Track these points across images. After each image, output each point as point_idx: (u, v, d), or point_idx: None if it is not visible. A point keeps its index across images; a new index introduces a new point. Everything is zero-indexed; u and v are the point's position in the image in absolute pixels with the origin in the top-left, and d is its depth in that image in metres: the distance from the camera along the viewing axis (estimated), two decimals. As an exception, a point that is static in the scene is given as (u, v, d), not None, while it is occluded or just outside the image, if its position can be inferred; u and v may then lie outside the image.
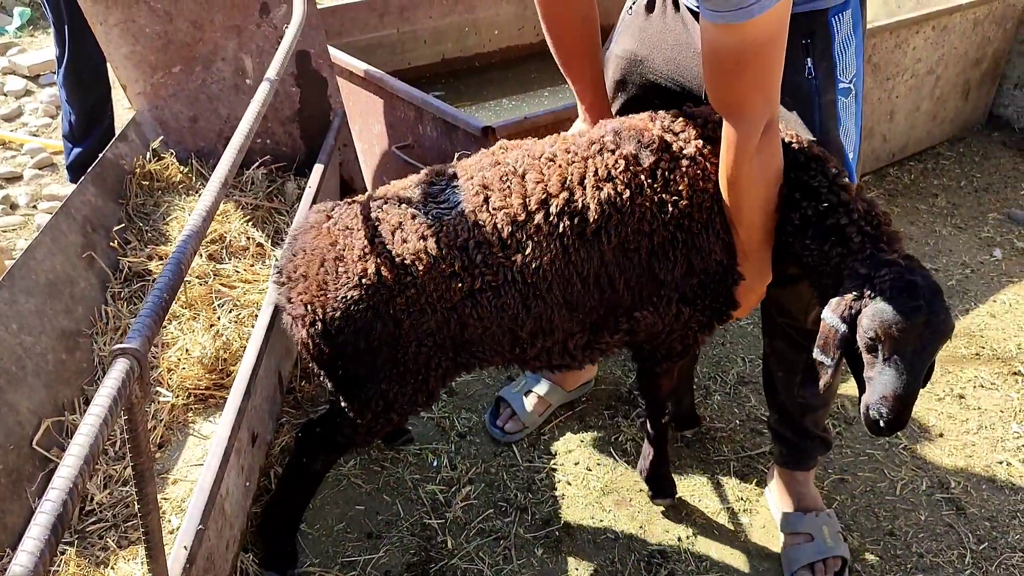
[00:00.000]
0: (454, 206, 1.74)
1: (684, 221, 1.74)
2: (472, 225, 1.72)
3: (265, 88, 1.79)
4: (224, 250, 2.70)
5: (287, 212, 2.89)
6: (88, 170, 2.70)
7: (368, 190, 3.22)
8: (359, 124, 3.32)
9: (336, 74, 3.10)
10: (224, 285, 2.57)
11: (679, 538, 2.27)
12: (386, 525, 2.27)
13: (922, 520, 2.35)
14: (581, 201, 1.72)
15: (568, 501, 2.37)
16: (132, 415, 1.13)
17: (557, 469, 2.48)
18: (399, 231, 1.73)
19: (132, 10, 2.77)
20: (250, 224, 2.80)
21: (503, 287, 1.73)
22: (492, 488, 2.40)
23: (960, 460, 2.55)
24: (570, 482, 2.43)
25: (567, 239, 1.72)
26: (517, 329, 1.78)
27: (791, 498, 2.27)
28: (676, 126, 1.79)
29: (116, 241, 2.66)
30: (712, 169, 1.74)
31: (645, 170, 1.74)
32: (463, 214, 1.73)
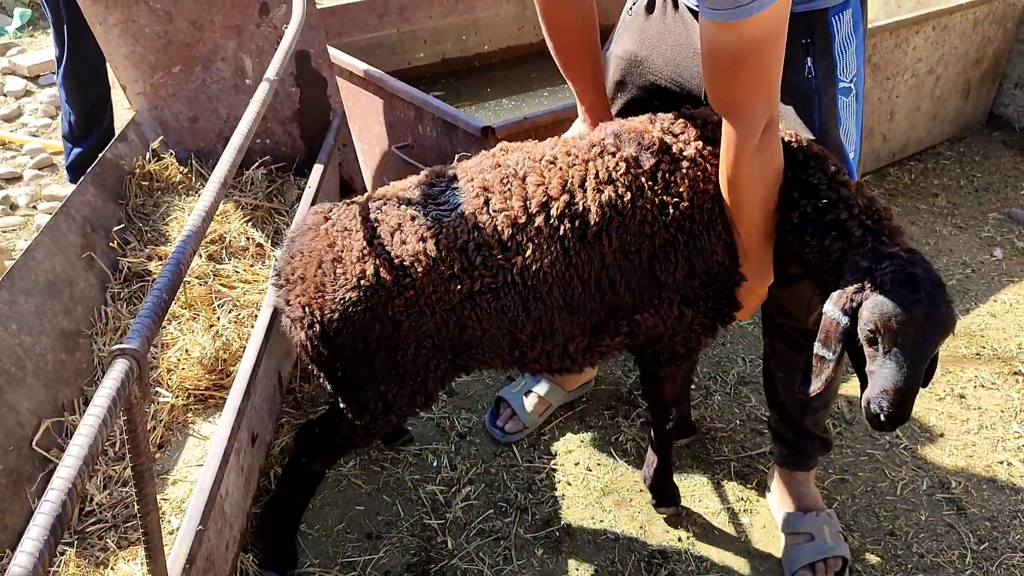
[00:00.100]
0: (454, 208, 1.74)
1: (685, 223, 1.74)
2: (472, 227, 1.71)
3: (265, 88, 1.79)
4: (224, 250, 2.69)
5: (287, 212, 2.89)
6: (88, 170, 2.70)
7: (368, 190, 3.23)
8: (359, 124, 3.32)
9: (336, 74, 3.09)
10: (224, 285, 2.57)
11: (679, 538, 2.27)
12: (386, 525, 2.27)
13: (923, 520, 2.35)
14: (582, 204, 1.72)
15: (568, 501, 2.37)
16: (131, 415, 1.13)
17: (557, 469, 2.47)
18: (398, 232, 1.72)
19: (132, 10, 2.77)
20: (250, 224, 2.79)
21: (503, 289, 1.73)
22: (492, 488, 2.39)
23: (961, 460, 2.55)
24: (570, 482, 2.43)
25: (568, 241, 1.72)
26: (517, 331, 1.78)
27: (791, 498, 2.27)
28: (676, 128, 1.79)
29: (116, 241, 2.66)
30: (712, 170, 1.74)
31: (645, 172, 1.74)
32: (463, 216, 1.72)
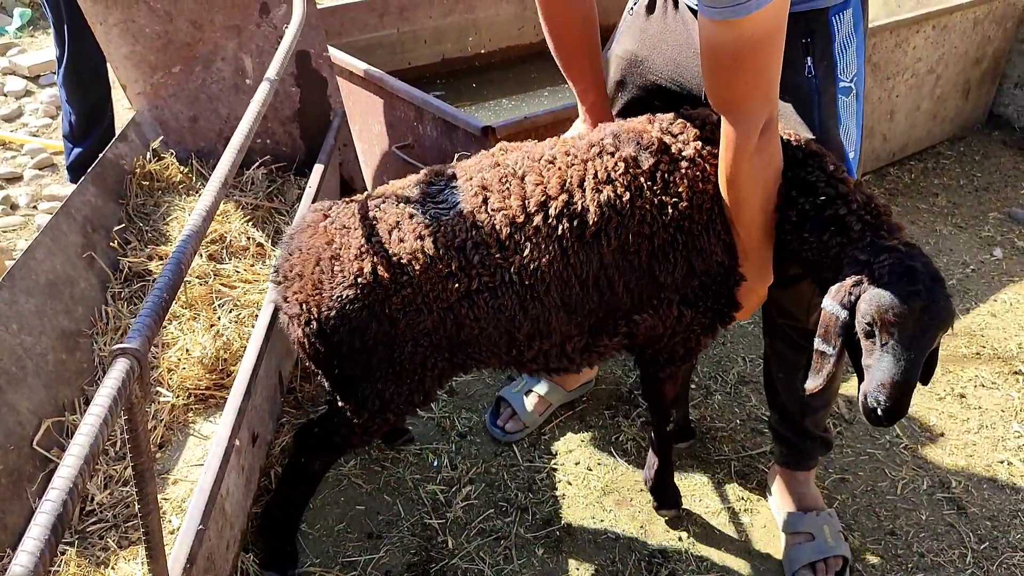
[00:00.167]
0: (452, 206, 1.74)
1: (684, 223, 1.74)
2: (470, 226, 1.71)
3: (265, 88, 1.79)
4: (224, 250, 2.69)
5: (287, 212, 2.89)
6: (88, 170, 2.70)
7: (368, 190, 3.23)
8: (359, 124, 3.32)
9: (336, 74, 3.09)
10: (224, 285, 2.57)
11: (680, 538, 2.27)
12: (387, 525, 2.27)
13: (923, 519, 2.35)
14: (580, 203, 1.72)
15: (569, 501, 2.37)
16: (132, 415, 1.13)
17: (558, 469, 2.47)
18: (396, 230, 1.72)
19: (132, 10, 2.77)
20: (250, 224, 2.80)
21: (500, 288, 1.72)
22: (493, 488, 2.39)
23: (961, 459, 2.55)
24: (571, 482, 2.43)
25: (566, 241, 1.72)
26: (514, 331, 1.78)
27: (792, 498, 2.27)
28: (675, 128, 1.79)
29: (116, 241, 2.66)
30: (712, 170, 1.74)
31: (644, 172, 1.73)
32: (461, 214, 1.72)
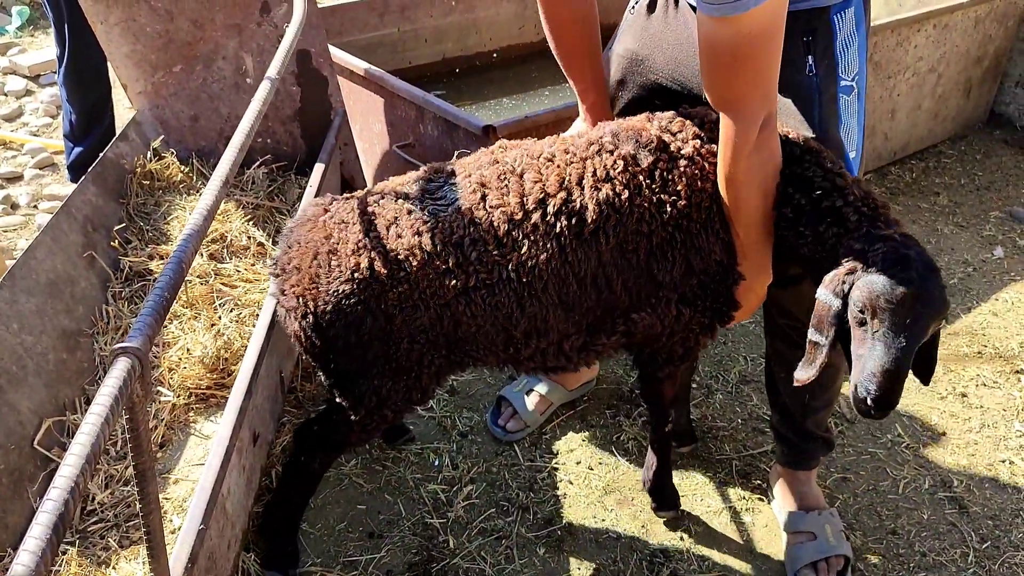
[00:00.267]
0: (451, 203, 1.74)
1: (683, 221, 1.74)
2: (468, 222, 1.71)
3: (266, 87, 1.79)
4: (225, 249, 2.69)
5: (288, 211, 2.89)
6: (89, 170, 2.70)
7: (369, 189, 3.23)
8: (360, 123, 3.32)
9: (337, 73, 3.09)
10: (225, 284, 2.57)
11: (681, 537, 2.27)
12: (388, 524, 2.27)
13: (925, 519, 2.35)
14: (579, 201, 1.72)
15: (570, 500, 2.37)
16: (133, 414, 1.13)
17: (559, 468, 2.47)
18: (394, 226, 1.73)
19: (132, 9, 2.77)
20: (251, 223, 2.79)
21: (498, 285, 1.72)
22: (494, 487, 2.39)
23: (963, 459, 2.55)
24: (572, 481, 2.43)
25: (564, 239, 1.71)
26: (511, 328, 1.78)
27: (793, 497, 2.26)
28: (674, 126, 1.78)
29: (117, 240, 2.66)
30: (710, 169, 1.74)
31: (643, 170, 1.73)
32: (459, 211, 1.73)
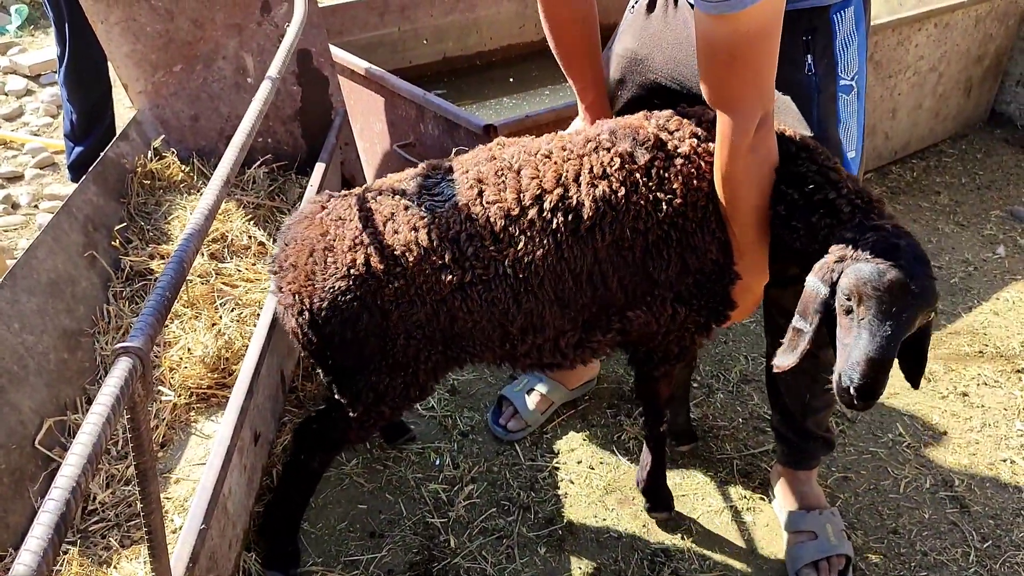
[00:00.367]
0: (448, 199, 1.74)
1: (678, 219, 1.74)
2: (465, 218, 1.72)
3: (266, 87, 1.79)
4: (226, 249, 2.69)
5: (289, 211, 2.89)
6: (89, 169, 2.70)
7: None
8: (360, 123, 3.32)
9: (337, 73, 3.09)
10: (226, 284, 2.57)
11: (682, 537, 2.27)
12: (389, 524, 2.27)
13: (926, 518, 2.35)
14: (576, 198, 1.72)
15: (571, 500, 2.37)
16: (135, 414, 1.13)
17: (560, 468, 2.47)
18: (391, 222, 1.73)
19: (133, 8, 2.77)
20: (252, 223, 2.79)
21: (494, 281, 1.73)
22: (495, 487, 2.39)
23: (964, 458, 2.54)
24: (573, 481, 2.43)
25: (560, 235, 1.72)
26: (507, 324, 1.78)
27: (794, 496, 2.26)
28: (671, 124, 1.79)
29: (118, 240, 2.66)
30: (707, 167, 1.74)
31: (640, 168, 1.73)
32: (456, 207, 1.73)
